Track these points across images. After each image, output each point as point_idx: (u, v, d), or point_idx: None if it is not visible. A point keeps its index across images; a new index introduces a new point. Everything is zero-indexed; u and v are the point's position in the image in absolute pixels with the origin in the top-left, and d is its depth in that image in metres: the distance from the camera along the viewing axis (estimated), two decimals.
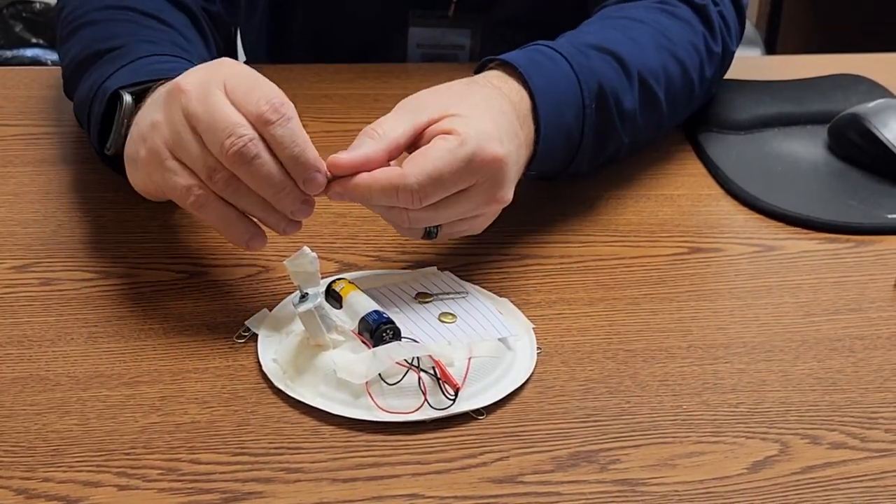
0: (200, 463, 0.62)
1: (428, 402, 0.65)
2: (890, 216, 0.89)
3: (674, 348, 0.73)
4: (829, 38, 2.31)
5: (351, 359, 0.67)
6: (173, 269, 0.79)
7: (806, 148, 0.98)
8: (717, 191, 0.92)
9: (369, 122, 0.80)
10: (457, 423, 0.66)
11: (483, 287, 0.77)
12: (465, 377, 0.67)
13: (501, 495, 0.61)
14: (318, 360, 0.68)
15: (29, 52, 1.92)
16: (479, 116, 0.73)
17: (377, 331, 0.67)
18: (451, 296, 0.73)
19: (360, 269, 0.79)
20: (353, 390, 0.66)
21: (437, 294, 0.73)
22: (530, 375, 0.70)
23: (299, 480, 0.62)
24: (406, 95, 1.04)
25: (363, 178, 0.69)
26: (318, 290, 0.68)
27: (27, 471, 0.61)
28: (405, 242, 0.82)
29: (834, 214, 0.89)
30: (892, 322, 0.77)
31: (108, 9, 0.88)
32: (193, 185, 0.69)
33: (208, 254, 0.80)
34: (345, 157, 0.70)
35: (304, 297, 0.67)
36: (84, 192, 0.87)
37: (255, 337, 0.71)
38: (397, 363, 0.66)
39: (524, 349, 0.72)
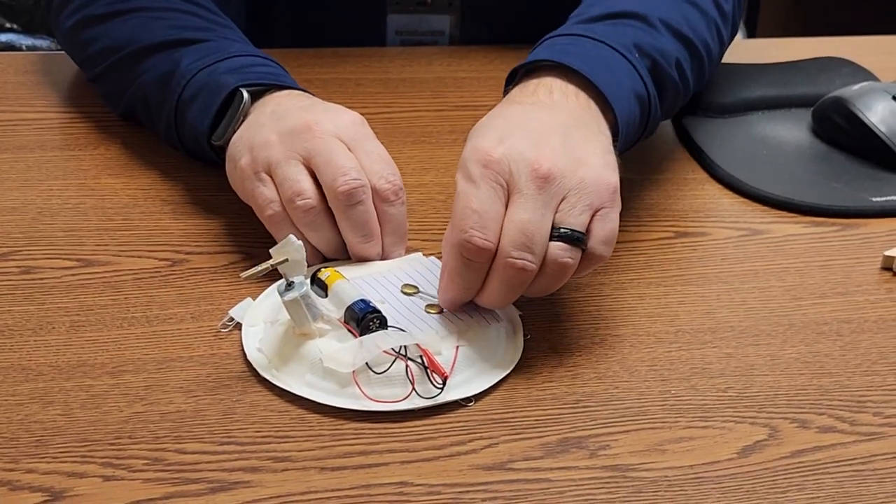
0: (186, 452, 0.62)
1: (416, 391, 0.65)
2: (874, 199, 0.89)
3: (661, 333, 0.73)
4: (808, 20, 2.31)
5: (337, 348, 0.66)
6: (156, 256, 0.78)
7: (790, 131, 0.98)
8: (702, 175, 0.92)
9: (351, 107, 0.79)
10: (445, 410, 0.66)
11: None
12: (453, 366, 0.66)
13: (491, 482, 0.61)
14: (303, 349, 0.67)
15: (3, 38, 1.90)
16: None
17: (364, 320, 0.67)
18: (437, 286, 0.72)
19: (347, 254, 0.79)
20: (339, 379, 0.65)
21: (423, 285, 0.72)
22: (518, 363, 0.69)
23: (287, 469, 0.61)
24: (387, 80, 1.04)
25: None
26: (303, 279, 0.67)
27: (10, 462, 0.60)
28: None
29: (819, 198, 0.88)
30: (879, 305, 0.77)
31: None
32: (276, 202, 0.74)
33: (191, 241, 0.80)
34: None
35: (289, 285, 0.67)
36: (64, 178, 0.86)
37: (239, 326, 0.71)
38: (384, 352, 0.65)
39: (511, 336, 0.71)
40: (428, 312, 0.70)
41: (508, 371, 0.69)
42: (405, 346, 0.66)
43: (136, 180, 0.87)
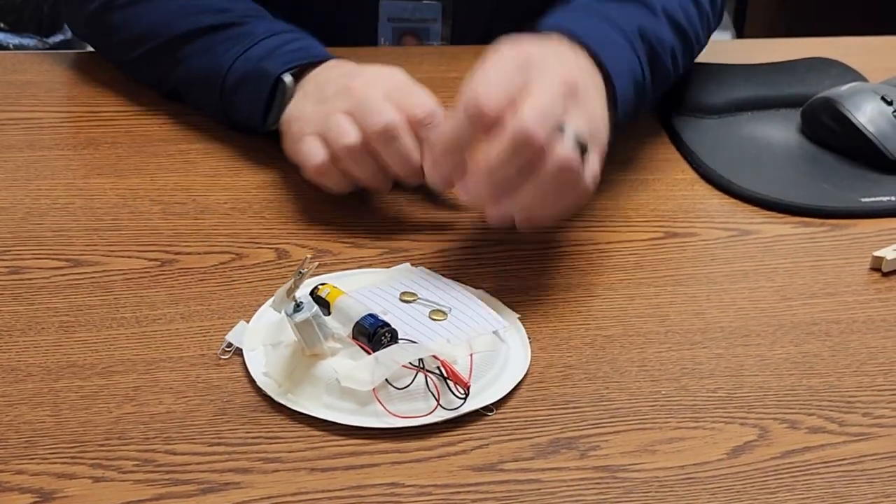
0: (176, 454, 0.62)
1: (440, 405, 0.64)
2: (863, 200, 0.89)
3: (651, 334, 0.73)
4: (796, 21, 2.32)
5: (352, 366, 0.65)
6: (145, 256, 0.78)
7: (779, 131, 0.98)
8: (691, 175, 0.92)
9: None
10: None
11: (459, 273, 0.77)
12: (470, 374, 0.66)
13: (481, 483, 0.61)
14: (316, 370, 0.65)
15: None
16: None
17: (375, 335, 0.65)
18: (436, 293, 0.72)
19: (335, 255, 0.79)
20: (358, 398, 0.64)
21: (420, 292, 0.72)
22: (529, 365, 0.69)
23: (277, 470, 0.61)
24: None
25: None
26: (310, 298, 0.66)
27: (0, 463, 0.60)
28: (380, 229, 0.82)
29: (808, 198, 0.89)
30: (868, 306, 0.77)
31: None
32: (321, 153, 0.79)
33: (180, 241, 0.79)
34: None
35: (297, 306, 0.65)
36: (52, 178, 0.86)
37: (238, 351, 0.69)
38: (402, 366, 0.64)
39: (515, 340, 0.71)
40: (433, 319, 0.69)
41: (523, 375, 0.68)
42: (421, 359, 0.65)
43: (124, 180, 0.86)
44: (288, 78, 0.86)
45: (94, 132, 0.93)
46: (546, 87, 0.69)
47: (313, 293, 0.69)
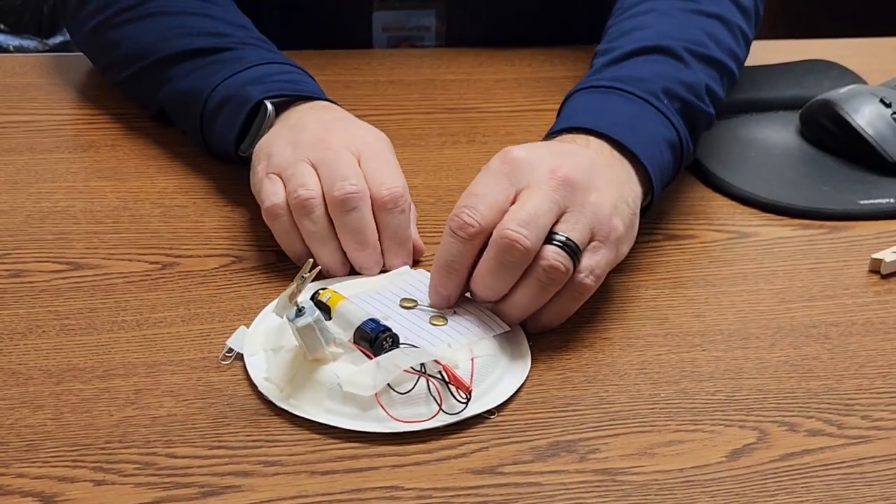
0: (177, 457, 0.62)
1: (442, 409, 0.64)
2: (862, 202, 0.89)
3: (650, 336, 0.73)
4: (795, 22, 2.32)
5: (354, 371, 0.65)
6: (145, 259, 0.78)
7: (778, 134, 0.98)
8: (690, 177, 0.92)
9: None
10: None
11: None
12: (472, 378, 0.66)
13: (481, 486, 0.61)
14: (318, 375, 0.65)
15: None
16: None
17: (377, 340, 0.65)
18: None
19: None
20: (360, 403, 0.64)
21: (421, 298, 0.71)
22: (530, 370, 0.69)
23: (278, 473, 0.61)
24: (376, 82, 1.04)
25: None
26: (312, 303, 0.66)
27: (1, 466, 0.60)
28: None
29: (807, 201, 0.89)
30: (867, 308, 0.78)
31: None
32: (279, 195, 0.75)
33: (181, 244, 0.80)
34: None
35: (299, 311, 0.65)
36: (53, 181, 0.86)
37: (238, 356, 0.69)
38: (404, 371, 0.64)
39: (516, 343, 0.71)
40: (434, 325, 0.69)
41: (524, 379, 0.68)
42: (422, 363, 0.65)
43: (125, 183, 0.87)
44: (270, 105, 0.83)
45: (95, 135, 0.93)
46: (532, 190, 0.69)
47: (314, 298, 0.69)
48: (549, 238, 0.68)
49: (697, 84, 0.85)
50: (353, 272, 0.76)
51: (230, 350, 0.69)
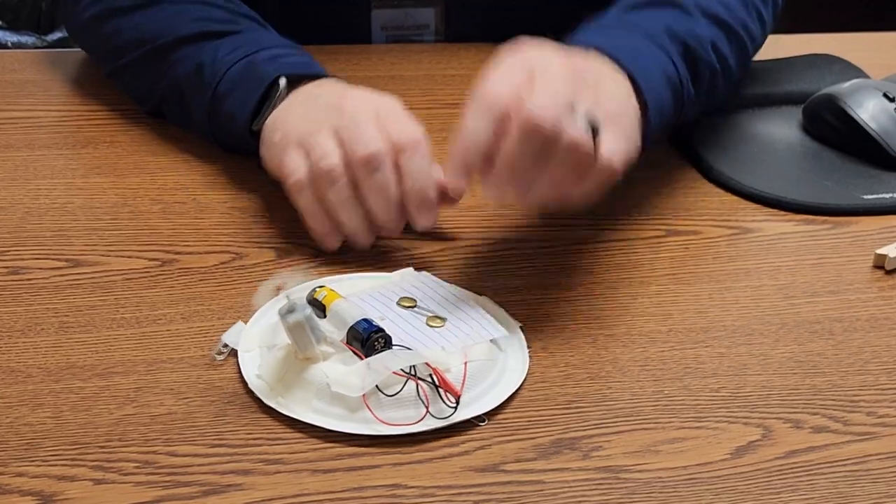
0: (177, 455, 0.61)
1: (429, 413, 0.64)
2: (865, 197, 0.89)
3: (654, 333, 0.73)
4: (797, 17, 2.31)
5: (344, 371, 0.64)
6: (145, 256, 0.77)
7: (781, 129, 0.97)
8: (693, 172, 0.92)
9: None
10: None
11: (461, 272, 0.77)
12: (463, 383, 0.65)
13: (484, 484, 0.61)
14: (307, 374, 0.64)
15: None
16: None
17: (368, 340, 0.64)
18: (436, 299, 0.71)
19: (336, 254, 0.78)
20: (349, 404, 0.63)
21: (420, 298, 0.71)
22: (525, 377, 0.68)
23: (279, 472, 0.61)
24: (376, 78, 1.04)
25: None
26: (304, 301, 0.65)
27: (0, 465, 0.60)
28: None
29: (810, 196, 0.88)
30: (871, 304, 0.77)
31: None
32: (302, 168, 0.76)
33: (180, 241, 0.79)
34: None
35: (290, 308, 0.64)
36: (52, 178, 0.86)
37: (234, 352, 0.68)
38: (394, 373, 0.64)
39: (514, 348, 0.70)
40: (430, 326, 0.69)
41: (518, 386, 0.67)
42: (414, 366, 0.64)
43: (124, 179, 0.86)
44: (283, 81, 0.83)
45: (94, 131, 0.92)
46: (550, 73, 0.69)
47: (310, 296, 0.68)
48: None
49: (703, 36, 0.86)
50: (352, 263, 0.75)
51: (225, 345, 0.68)
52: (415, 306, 0.70)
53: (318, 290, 0.69)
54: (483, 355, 0.67)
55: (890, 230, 0.85)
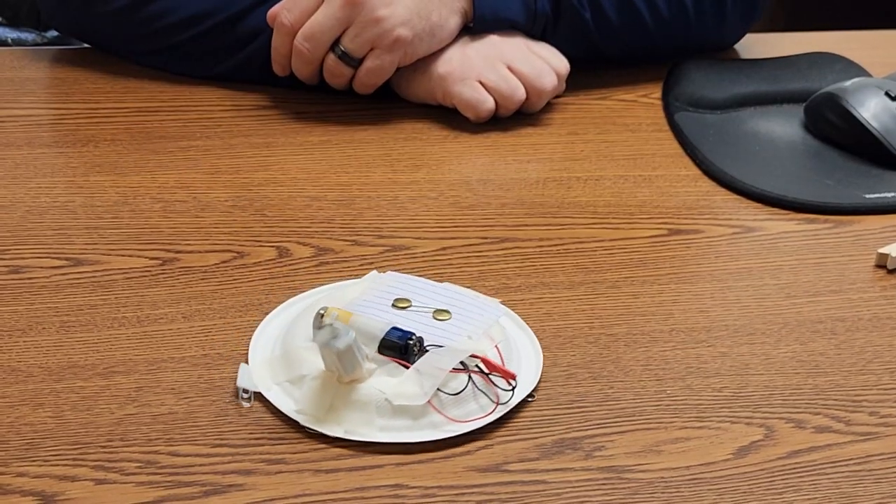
0: (179, 455, 0.61)
1: (498, 402, 0.64)
2: (867, 196, 0.89)
3: (656, 332, 0.73)
4: (797, 15, 2.31)
5: (395, 383, 0.63)
6: (146, 255, 0.77)
7: (783, 127, 0.97)
8: (694, 171, 0.92)
9: (340, 103, 0.79)
10: None
11: (461, 271, 0.76)
12: (505, 364, 0.65)
13: (486, 484, 0.61)
14: (358, 395, 0.63)
15: None
16: None
17: (407, 347, 0.64)
18: (423, 294, 0.71)
19: (337, 253, 0.78)
20: (412, 413, 0.63)
21: (411, 297, 0.70)
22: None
23: (281, 472, 0.60)
24: None
25: None
26: (341, 323, 0.64)
27: (1, 465, 0.60)
28: (382, 227, 0.81)
29: (812, 195, 0.88)
30: (873, 303, 0.77)
31: None
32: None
33: (181, 240, 0.79)
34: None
35: (334, 334, 0.61)
36: (52, 176, 0.85)
37: (256, 394, 0.66)
38: (450, 371, 0.63)
39: (513, 328, 0.70)
40: (439, 320, 0.68)
41: (542, 360, 0.68)
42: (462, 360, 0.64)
43: (125, 178, 0.86)
44: None
45: (94, 129, 0.92)
46: (321, 9, 0.89)
47: (325, 321, 0.66)
48: (332, 48, 0.90)
49: None
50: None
51: (245, 391, 0.65)
52: (411, 306, 0.70)
53: (325, 311, 0.66)
54: (502, 335, 0.68)
55: (892, 229, 0.85)
